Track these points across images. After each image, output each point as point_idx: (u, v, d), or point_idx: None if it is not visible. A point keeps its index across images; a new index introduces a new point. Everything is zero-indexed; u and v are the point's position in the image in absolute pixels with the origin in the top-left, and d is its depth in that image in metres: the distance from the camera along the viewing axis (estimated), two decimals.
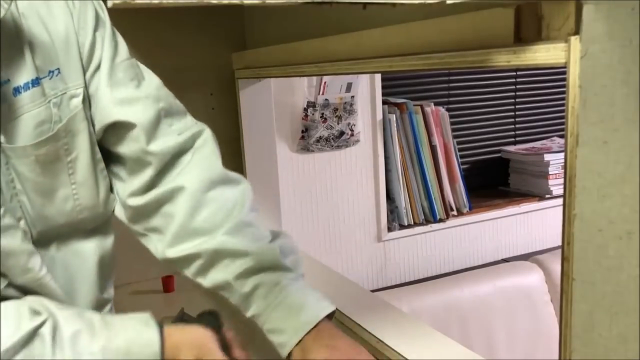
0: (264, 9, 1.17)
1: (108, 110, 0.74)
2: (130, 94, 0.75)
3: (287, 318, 0.76)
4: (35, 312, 0.68)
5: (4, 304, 0.66)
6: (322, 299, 0.77)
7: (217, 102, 1.34)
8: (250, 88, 1.30)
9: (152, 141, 0.76)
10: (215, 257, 0.77)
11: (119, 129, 0.75)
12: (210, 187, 0.79)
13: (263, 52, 1.17)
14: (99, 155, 0.76)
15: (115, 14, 1.10)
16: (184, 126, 0.80)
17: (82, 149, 0.73)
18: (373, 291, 1.68)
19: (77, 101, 0.71)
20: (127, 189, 0.78)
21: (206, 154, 0.80)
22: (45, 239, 0.73)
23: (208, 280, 0.79)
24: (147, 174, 0.77)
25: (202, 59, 1.30)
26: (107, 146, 0.77)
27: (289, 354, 0.75)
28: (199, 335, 0.73)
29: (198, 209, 0.77)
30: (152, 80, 0.80)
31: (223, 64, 1.31)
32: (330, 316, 0.77)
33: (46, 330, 0.65)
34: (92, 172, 0.74)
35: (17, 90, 0.66)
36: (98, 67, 0.73)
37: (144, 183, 0.77)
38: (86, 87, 0.72)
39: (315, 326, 0.75)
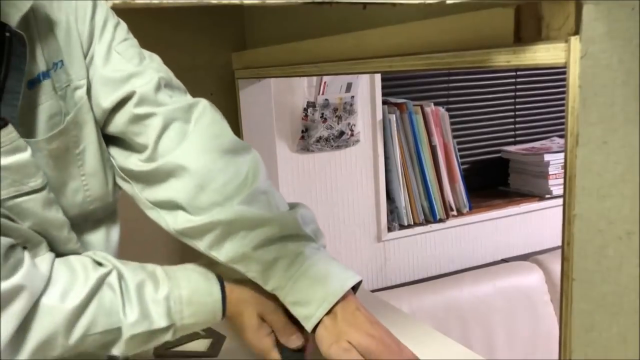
0: (263, 9, 1.17)
1: (106, 95, 0.73)
2: (130, 70, 0.74)
3: (312, 289, 0.71)
4: (99, 263, 0.70)
5: (65, 258, 0.68)
6: (347, 269, 0.73)
7: (217, 102, 1.32)
8: (250, 88, 1.30)
9: (158, 105, 0.74)
10: (231, 228, 0.72)
11: (114, 112, 0.74)
12: (220, 155, 0.75)
13: (263, 52, 1.17)
14: (104, 144, 0.76)
15: (115, 14, 1.10)
16: (184, 100, 0.79)
17: (90, 140, 0.73)
18: (373, 291, 1.68)
19: (82, 92, 0.71)
20: (133, 156, 0.76)
21: (208, 122, 0.78)
22: None
23: (224, 254, 0.74)
24: (152, 135, 0.74)
25: (202, 59, 1.30)
26: (109, 125, 0.75)
27: (315, 327, 0.70)
28: (262, 293, 0.74)
29: (210, 179, 0.73)
30: (153, 57, 0.79)
31: (223, 64, 1.31)
32: (356, 287, 0.73)
33: (113, 280, 0.68)
34: (100, 162, 0.74)
35: (31, 83, 0.65)
36: (97, 54, 0.73)
37: (150, 145, 0.74)
38: (88, 76, 0.72)
39: (342, 297, 0.70)
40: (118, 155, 0.79)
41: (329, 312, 0.70)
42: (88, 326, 0.65)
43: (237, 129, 1.33)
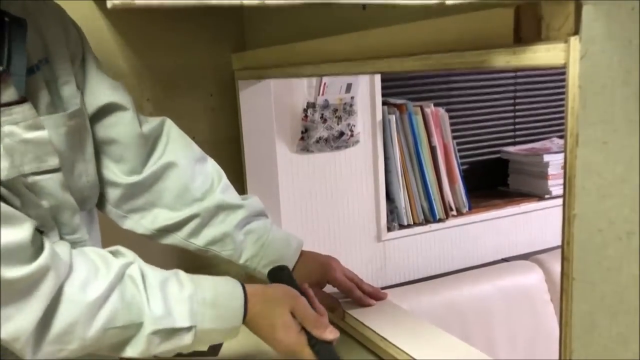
0: (263, 10, 1.17)
1: (103, 91, 0.81)
2: (113, 82, 0.84)
3: (281, 250, 0.93)
4: (119, 253, 0.73)
5: (81, 249, 0.71)
6: (293, 234, 0.97)
7: (217, 102, 1.34)
8: (250, 89, 1.30)
9: (142, 124, 0.86)
10: (214, 213, 0.89)
11: (112, 111, 0.83)
12: (195, 161, 0.90)
13: (263, 53, 1.17)
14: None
15: (115, 14, 1.10)
16: (152, 118, 0.91)
17: (88, 129, 0.79)
18: None
19: (72, 87, 0.76)
20: (124, 168, 0.84)
21: (178, 134, 0.91)
22: None
23: (202, 238, 0.89)
24: (142, 152, 0.86)
25: (201, 60, 1.30)
26: (98, 131, 0.83)
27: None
28: (289, 290, 0.80)
29: (191, 179, 0.88)
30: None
31: (223, 64, 1.31)
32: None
33: (135, 273, 0.70)
34: (93, 151, 0.80)
35: (30, 71, 0.69)
36: (85, 59, 0.80)
37: (140, 161, 0.86)
38: (77, 76, 0.78)
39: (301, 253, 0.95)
40: (110, 162, 0.86)
41: (296, 265, 0.93)
42: (108, 319, 0.65)
43: (237, 129, 1.33)
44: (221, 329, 0.73)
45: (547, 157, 1.95)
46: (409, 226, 1.78)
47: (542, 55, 0.51)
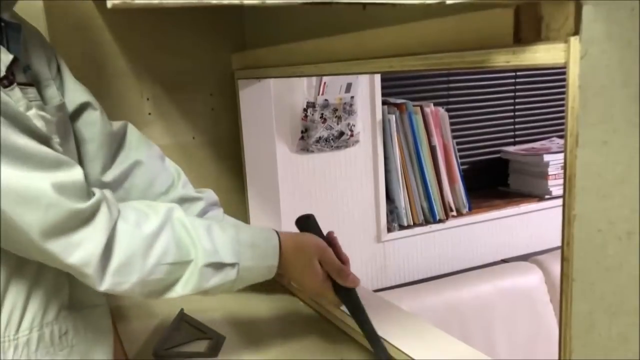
0: (263, 10, 1.17)
1: (79, 93, 0.87)
2: (83, 86, 0.89)
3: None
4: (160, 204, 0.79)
5: (126, 203, 0.77)
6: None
7: (217, 102, 1.34)
8: (250, 88, 1.30)
9: (110, 123, 0.92)
10: (179, 204, 0.90)
11: (87, 109, 0.88)
12: (157, 159, 0.97)
13: (262, 53, 1.16)
14: None
15: (115, 15, 1.11)
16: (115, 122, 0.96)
17: (70, 124, 0.84)
18: (372, 292, 1.68)
19: (54, 89, 0.81)
20: (97, 166, 0.89)
21: (140, 135, 0.97)
22: None
23: None
24: (112, 151, 0.91)
25: (201, 60, 1.30)
26: (75, 129, 0.87)
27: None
28: (318, 241, 0.89)
29: (156, 175, 0.95)
30: None
31: (223, 64, 1.31)
32: None
33: (182, 216, 0.77)
34: (75, 148, 0.85)
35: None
36: (60, 68, 0.86)
37: (111, 159, 0.91)
38: (56, 81, 0.83)
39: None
40: (86, 161, 0.89)
41: None
42: (162, 253, 0.72)
43: (237, 129, 1.33)
44: (260, 266, 0.80)
45: (547, 157, 1.95)
46: (409, 227, 1.78)
47: (542, 55, 0.51)
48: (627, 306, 0.46)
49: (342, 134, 1.62)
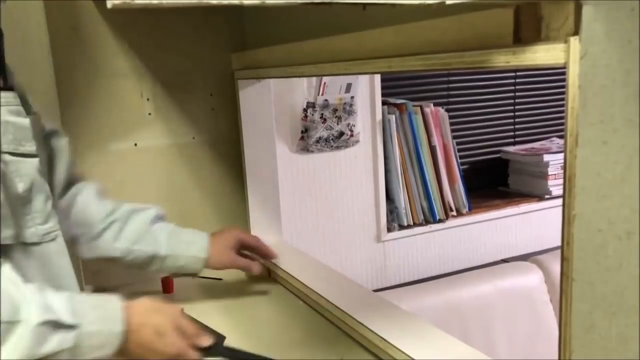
0: (263, 9, 1.17)
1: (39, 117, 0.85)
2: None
3: (194, 233, 1.08)
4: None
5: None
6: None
7: (216, 102, 1.34)
8: (250, 88, 1.30)
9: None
10: (129, 216, 1.01)
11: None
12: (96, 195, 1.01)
13: (262, 53, 1.17)
14: None
15: (115, 15, 1.11)
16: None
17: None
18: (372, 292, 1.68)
19: (26, 106, 0.81)
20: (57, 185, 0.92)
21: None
22: None
23: (124, 240, 1.00)
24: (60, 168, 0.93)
25: (201, 60, 1.30)
26: None
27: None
28: (164, 303, 0.82)
29: (99, 195, 1.00)
30: None
31: (222, 64, 1.31)
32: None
33: (10, 271, 0.66)
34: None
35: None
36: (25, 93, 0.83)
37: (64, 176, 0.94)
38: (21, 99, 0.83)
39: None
40: None
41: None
42: None
43: (237, 129, 1.33)
44: (104, 330, 0.69)
45: (547, 157, 1.95)
46: (408, 227, 1.78)
47: (542, 55, 0.51)
48: (627, 306, 0.46)
49: (342, 134, 1.62)
